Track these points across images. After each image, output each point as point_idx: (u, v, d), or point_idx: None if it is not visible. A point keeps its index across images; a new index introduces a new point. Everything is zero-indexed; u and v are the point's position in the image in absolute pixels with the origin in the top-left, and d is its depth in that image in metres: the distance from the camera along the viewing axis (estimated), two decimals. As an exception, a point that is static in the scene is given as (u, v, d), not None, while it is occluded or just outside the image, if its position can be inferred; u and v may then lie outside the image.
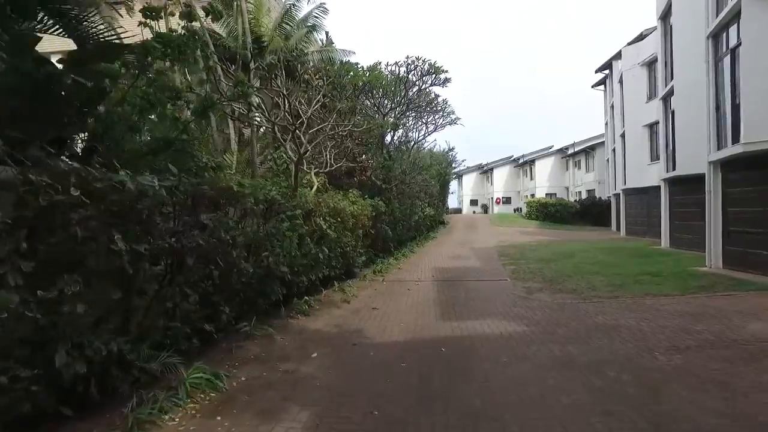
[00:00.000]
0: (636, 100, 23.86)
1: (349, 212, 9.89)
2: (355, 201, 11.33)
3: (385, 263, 14.85)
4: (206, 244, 4.54)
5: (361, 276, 12.04)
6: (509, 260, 16.01)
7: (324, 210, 8.75)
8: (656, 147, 22.48)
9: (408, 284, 11.45)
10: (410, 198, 18.59)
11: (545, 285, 10.75)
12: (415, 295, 9.98)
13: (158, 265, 4.52)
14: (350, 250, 10.73)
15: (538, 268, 13.63)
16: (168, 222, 4.44)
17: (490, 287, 10.78)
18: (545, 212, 37.76)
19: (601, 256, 16.06)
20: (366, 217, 11.72)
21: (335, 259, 9.89)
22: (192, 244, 4.44)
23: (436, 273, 13.50)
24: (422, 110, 15.92)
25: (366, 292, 10.35)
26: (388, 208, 14.95)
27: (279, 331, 6.55)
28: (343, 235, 9.96)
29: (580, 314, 7.58)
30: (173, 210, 4.40)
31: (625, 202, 26.72)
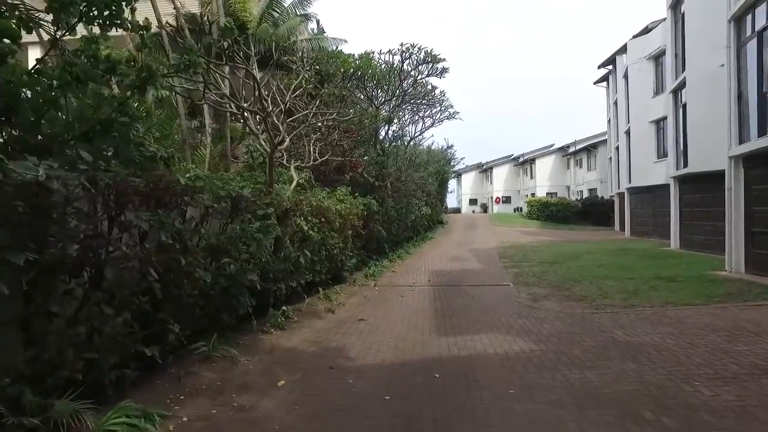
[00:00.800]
0: (642, 96, 22.90)
1: (335, 211, 8.94)
2: (344, 199, 10.37)
3: (378, 266, 13.90)
4: (131, 251, 3.57)
5: (350, 281, 11.09)
6: (511, 262, 15.07)
7: (305, 209, 7.79)
8: (664, 144, 21.55)
9: (401, 290, 10.50)
10: (406, 196, 17.63)
11: (552, 291, 9.81)
12: (409, 302, 9.03)
13: (78, 277, 3.57)
14: (338, 253, 9.77)
15: (543, 272, 12.68)
16: (87, 223, 3.48)
17: (491, 293, 9.83)
18: (546, 212, 36.81)
19: (609, 258, 15.12)
20: (356, 217, 10.76)
21: (320, 263, 8.94)
22: (115, 251, 3.47)
23: (432, 277, 12.55)
24: (418, 103, 14.95)
25: (354, 299, 9.40)
26: (382, 207, 13.99)
27: (245, 350, 5.59)
28: (328, 236, 9.00)
29: (594, 328, 6.62)
30: (91, 208, 3.44)
31: (629, 202, 25.78)
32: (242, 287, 5.73)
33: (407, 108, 15.35)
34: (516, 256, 16.66)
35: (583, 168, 43.80)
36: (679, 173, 16.32)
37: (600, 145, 39.43)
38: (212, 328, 5.40)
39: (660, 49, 21.03)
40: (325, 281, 9.71)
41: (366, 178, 12.73)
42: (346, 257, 10.59)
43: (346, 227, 10.18)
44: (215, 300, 5.34)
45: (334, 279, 10.47)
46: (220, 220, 5.97)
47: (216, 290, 5.33)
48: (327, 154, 9.02)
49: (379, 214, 13.98)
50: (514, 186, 58.56)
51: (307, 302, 8.34)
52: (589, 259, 15.08)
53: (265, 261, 6.12)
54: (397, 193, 17.22)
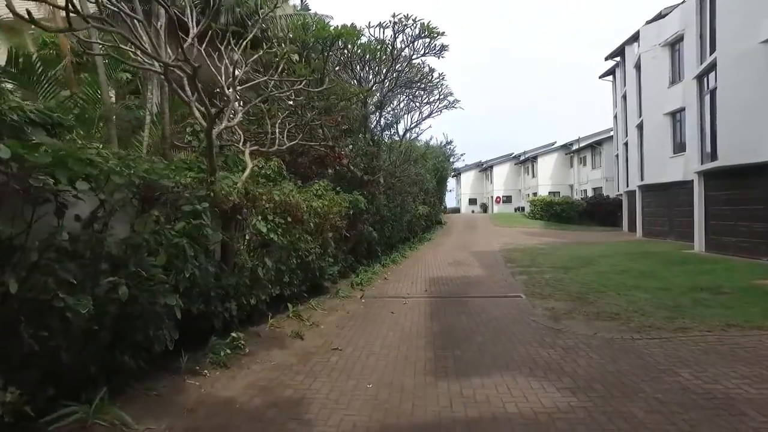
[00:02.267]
0: (656, 86, 21.21)
1: (308, 209, 7.18)
2: (323, 194, 8.62)
3: (368, 272, 12.16)
4: None
5: (332, 292, 9.34)
6: (519, 267, 13.35)
7: (266, 205, 6.04)
8: (681, 137, 19.90)
9: (393, 303, 8.76)
10: (401, 194, 15.90)
11: (574, 306, 8.08)
12: (401, 321, 7.29)
13: None
14: (314, 260, 8.03)
15: (557, 279, 10.96)
16: None
17: (500, 308, 8.09)
18: (550, 211, 35.10)
19: (629, 263, 13.41)
20: (339, 216, 9.01)
21: (289, 273, 7.20)
22: None
23: (430, 285, 10.81)
24: (414, 86, 13.19)
25: (333, 316, 7.65)
26: (372, 206, 12.25)
27: (154, 408, 3.84)
28: (300, 240, 7.25)
29: (648, 365, 4.89)
30: None
31: (641, 201, 24.06)
32: (156, 315, 3.97)
33: (401, 93, 13.61)
34: (523, 261, 14.95)
35: (587, 166, 42.10)
36: (705, 168, 14.61)
37: (605, 142, 37.78)
38: (99, 380, 3.64)
39: (677, 34, 19.35)
40: (299, 294, 7.97)
41: (353, 171, 10.98)
42: (326, 264, 8.84)
43: (326, 228, 8.43)
44: (102, 337, 3.59)
45: (312, 290, 8.73)
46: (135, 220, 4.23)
47: (106, 323, 3.58)
48: (297, 138, 7.25)
49: (369, 212, 12.23)
50: (515, 185, 56.88)
51: (271, 323, 6.58)
52: (607, 264, 13.37)
53: (194, 276, 4.35)
54: (391, 190, 15.48)
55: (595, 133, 44.15)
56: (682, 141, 19.81)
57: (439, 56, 11.82)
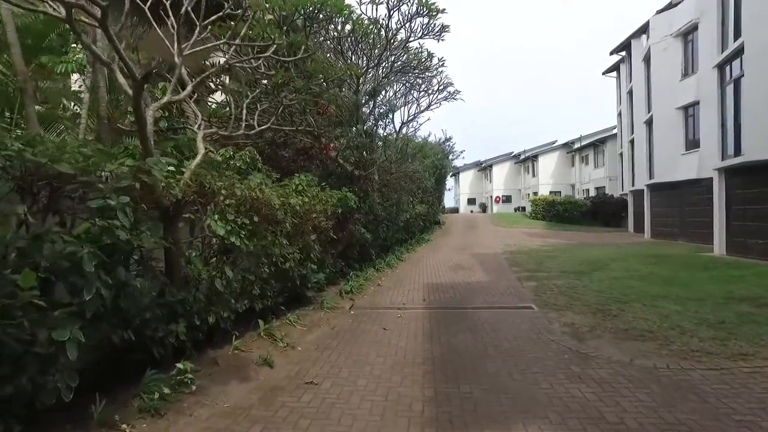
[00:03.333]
0: (667, 79, 20.08)
1: (281, 206, 5.97)
2: (304, 190, 7.41)
3: (360, 278, 10.97)
4: None
5: (317, 302, 8.14)
6: (525, 272, 12.19)
7: (224, 201, 4.83)
8: (694, 133, 18.79)
9: (386, 316, 7.58)
10: (397, 192, 14.71)
11: (596, 319, 6.93)
12: (394, 341, 6.10)
13: None
14: (293, 267, 6.83)
15: (570, 287, 9.80)
16: None
17: (511, 324, 6.91)
18: (552, 211, 33.95)
19: (645, 267, 12.26)
20: (323, 216, 7.81)
21: (260, 283, 6.00)
22: None
23: (429, 293, 9.64)
24: (411, 74, 11.94)
25: (314, 334, 6.46)
26: (365, 204, 11.06)
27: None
28: (273, 244, 6.05)
29: (717, 412, 3.71)
30: None
31: (649, 200, 22.94)
32: (30, 357, 2.77)
33: (398, 82, 12.39)
34: (529, 264, 13.79)
35: (589, 165, 40.99)
36: (727, 164, 13.46)
37: (609, 140, 36.71)
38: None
39: (691, 23, 18.22)
40: (274, 307, 6.78)
41: (342, 165, 9.77)
42: (309, 271, 7.64)
43: (307, 230, 7.23)
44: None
45: (292, 302, 7.54)
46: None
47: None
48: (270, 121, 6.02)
49: (362, 212, 11.03)
50: (515, 185, 55.75)
51: (236, 345, 5.37)
52: (621, 269, 12.21)
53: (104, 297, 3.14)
54: (386, 187, 14.29)
55: (597, 131, 43.09)
56: (695, 137, 18.69)
57: (438, 39, 10.63)
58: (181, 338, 4.49)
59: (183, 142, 4.98)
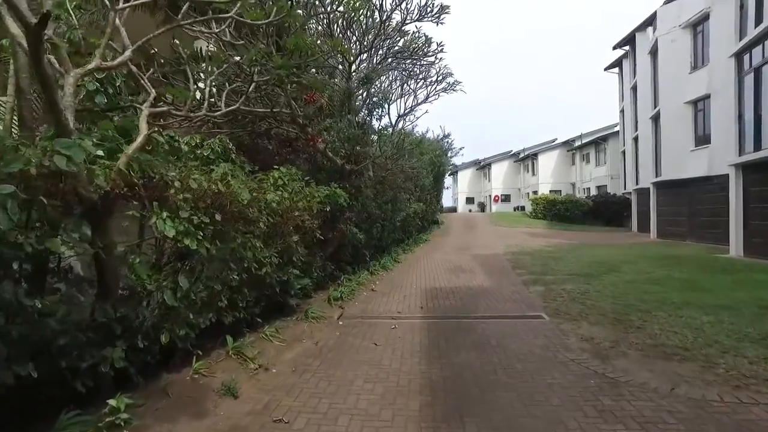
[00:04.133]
0: (675, 72, 19.24)
1: (253, 203, 5.06)
2: (284, 185, 6.50)
3: (352, 282, 10.08)
4: None
5: (302, 311, 7.23)
6: (530, 275, 11.31)
7: (177, 195, 3.92)
8: (704, 128, 17.95)
9: (378, 327, 6.69)
10: (393, 189, 13.79)
11: (617, 332, 6.07)
12: (386, 362, 5.20)
13: None
14: (271, 272, 5.92)
15: (581, 292, 8.94)
16: None
17: (521, 338, 6.03)
18: (553, 211, 33.10)
19: (660, 270, 11.41)
20: (308, 214, 6.90)
21: (228, 293, 5.09)
22: None
23: (426, 299, 8.75)
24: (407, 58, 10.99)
25: (293, 352, 5.56)
26: (357, 202, 10.15)
27: None
28: (245, 246, 5.14)
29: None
30: None
31: (656, 199, 22.10)
32: None
33: (393, 69, 11.43)
34: (533, 266, 12.92)
35: (590, 163, 40.16)
36: (745, 160, 12.61)
37: (610, 138, 35.91)
38: None
39: (701, 13, 17.39)
40: (249, 319, 5.88)
41: (332, 159, 8.86)
42: (291, 277, 6.73)
43: (287, 230, 6.32)
44: None
45: (271, 312, 6.64)
46: None
47: None
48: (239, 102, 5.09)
49: (354, 210, 10.13)
50: (514, 183, 54.90)
51: (196, 368, 4.47)
52: (634, 272, 11.36)
53: None
54: (381, 184, 13.38)
55: (598, 129, 42.34)
56: (705, 132, 17.86)
57: (438, 21, 9.72)
58: (117, 366, 3.59)
59: (129, 123, 4.08)
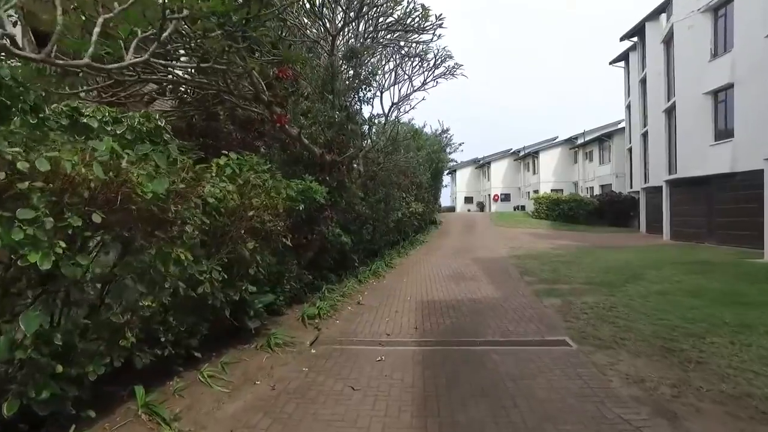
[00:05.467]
0: (693, 61, 17.79)
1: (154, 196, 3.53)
2: (236, 176, 4.97)
3: (335, 293, 8.60)
4: None
5: (263, 336, 5.71)
6: (542, 284, 9.84)
7: (18, 185, 2.41)
8: (726, 120, 16.50)
9: (360, 359, 5.19)
10: (385, 186, 12.30)
11: (672, 368, 4.61)
12: (363, 421, 3.69)
13: None
14: (214, 290, 4.40)
15: (607, 306, 7.49)
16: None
17: (547, 379, 4.53)
18: (557, 210, 31.65)
19: (690, 278, 9.96)
20: (269, 213, 5.37)
21: (139, 323, 3.57)
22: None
23: (423, 316, 7.25)
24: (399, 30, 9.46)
25: (237, 402, 4.04)
26: (341, 199, 8.63)
27: None
28: (162, 259, 3.62)
29: None
30: None
31: (669, 198, 20.65)
32: None
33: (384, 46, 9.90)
34: (543, 272, 11.45)
35: (594, 161, 38.68)
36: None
37: (615, 135, 34.50)
38: None
39: (723, -5, 15.93)
40: (184, 355, 4.36)
41: (308, 146, 7.32)
42: (246, 294, 5.21)
43: (237, 235, 4.79)
44: None
45: (222, 338, 5.14)
46: None
47: None
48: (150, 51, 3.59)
49: (337, 208, 8.62)
50: (514, 182, 53.41)
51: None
52: (660, 280, 9.91)
53: None
54: (373, 180, 11.89)
55: (602, 126, 40.93)
56: (727, 125, 16.41)
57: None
58: None
59: None
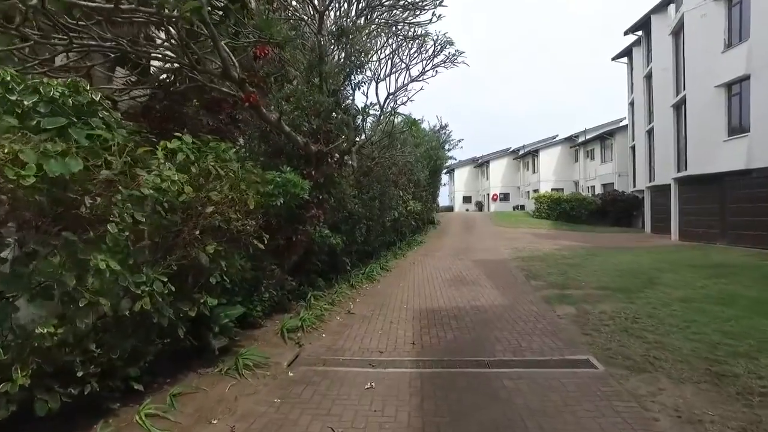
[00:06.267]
0: (705, 52, 16.92)
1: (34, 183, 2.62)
2: (192, 164, 4.03)
3: (323, 300, 7.70)
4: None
5: (232, 355, 4.78)
6: (550, 288, 8.96)
7: None
8: (741, 114, 15.65)
9: (345, 385, 4.26)
10: (380, 182, 11.36)
11: (732, 404, 3.70)
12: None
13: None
14: (160, 305, 3.47)
15: (629, 317, 6.60)
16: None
17: (574, 414, 3.62)
18: (558, 210, 30.80)
19: (712, 283, 9.08)
20: (235, 210, 4.43)
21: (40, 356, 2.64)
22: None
23: (421, 329, 6.33)
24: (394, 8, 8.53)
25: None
26: (329, 195, 7.70)
27: None
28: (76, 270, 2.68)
29: None
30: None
31: (677, 196, 19.78)
32: None
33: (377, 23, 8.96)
34: (550, 275, 10.56)
35: (595, 160, 37.81)
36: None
37: (618, 133, 33.64)
38: None
39: (738, -18, 15.07)
40: (123, 388, 3.44)
41: (288, 133, 6.37)
42: (205, 309, 4.27)
43: (191, 236, 3.86)
44: None
45: (176, 362, 4.21)
46: None
47: None
48: None
49: (325, 206, 7.68)
50: (513, 182, 52.52)
51: None
52: (681, 285, 9.03)
53: None
54: (367, 176, 10.97)
55: (604, 124, 40.06)
56: (741, 119, 15.56)
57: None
58: None
59: None
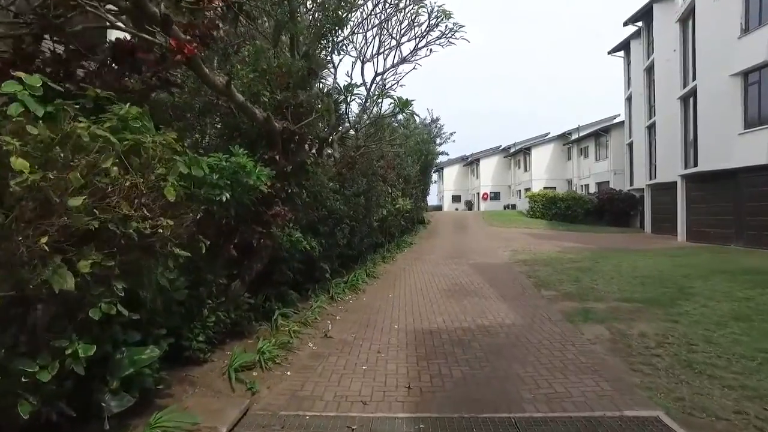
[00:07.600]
0: (719, 39, 15.69)
1: None
2: (35, 125, 2.43)
3: (291, 321, 6.11)
4: None
5: (149, 418, 3.18)
6: (567, 300, 7.51)
7: None
8: (760, 104, 14.45)
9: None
10: (366, 176, 9.80)
11: None
12: None
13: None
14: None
15: (681, 342, 5.20)
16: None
17: None
18: (553, 209, 29.57)
19: (758, 293, 7.70)
20: (143, 205, 2.81)
21: None
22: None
23: (417, 361, 4.75)
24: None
25: None
26: (300, 188, 6.10)
27: None
28: None
29: None
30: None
31: (685, 194, 18.57)
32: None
33: None
34: (562, 283, 9.16)
35: (589, 158, 36.70)
36: None
37: (613, 130, 32.55)
38: None
39: (756, -39, 13.82)
40: None
41: (243, 104, 4.74)
42: (80, 359, 2.64)
43: (33, 245, 2.23)
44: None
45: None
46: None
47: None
48: None
49: (296, 203, 6.08)
50: (504, 180, 51.34)
51: None
52: (720, 296, 7.66)
53: None
54: (350, 169, 9.38)
55: (598, 121, 39.06)
56: (760, 110, 14.34)
57: None
58: None
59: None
